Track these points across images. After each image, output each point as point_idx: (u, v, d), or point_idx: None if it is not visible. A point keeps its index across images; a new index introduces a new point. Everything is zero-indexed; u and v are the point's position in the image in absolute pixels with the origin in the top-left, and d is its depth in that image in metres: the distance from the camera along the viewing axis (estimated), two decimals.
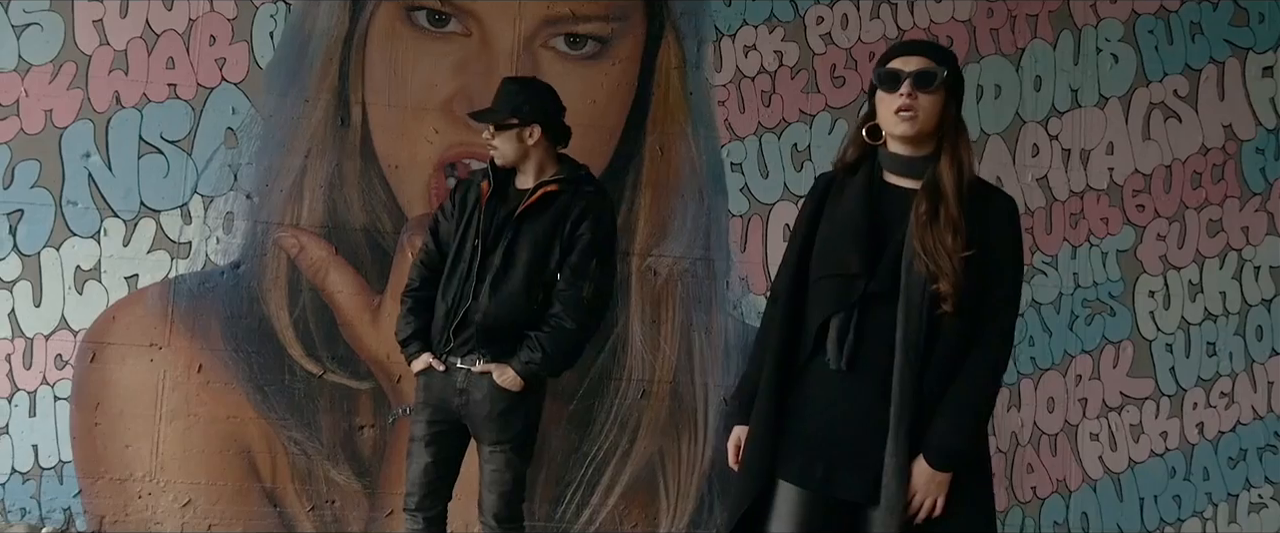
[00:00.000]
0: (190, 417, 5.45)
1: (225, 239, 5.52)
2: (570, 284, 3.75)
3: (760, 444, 2.68)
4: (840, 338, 2.61)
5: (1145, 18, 6.15)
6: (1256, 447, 6.12)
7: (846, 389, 2.62)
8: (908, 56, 2.71)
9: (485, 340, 3.67)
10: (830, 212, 2.75)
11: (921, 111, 2.65)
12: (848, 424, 2.62)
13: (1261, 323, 6.17)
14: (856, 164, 2.77)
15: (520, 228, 3.72)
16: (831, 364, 2.62)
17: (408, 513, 3.83)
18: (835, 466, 2.61)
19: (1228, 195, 6.16)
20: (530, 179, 3.84)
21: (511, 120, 3.81)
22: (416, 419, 3.84)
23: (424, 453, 3.80)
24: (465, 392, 3.71)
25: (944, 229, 2.58)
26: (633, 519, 5.68)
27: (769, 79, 5.87)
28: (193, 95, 5.52)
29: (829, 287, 2.65)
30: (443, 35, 5.70)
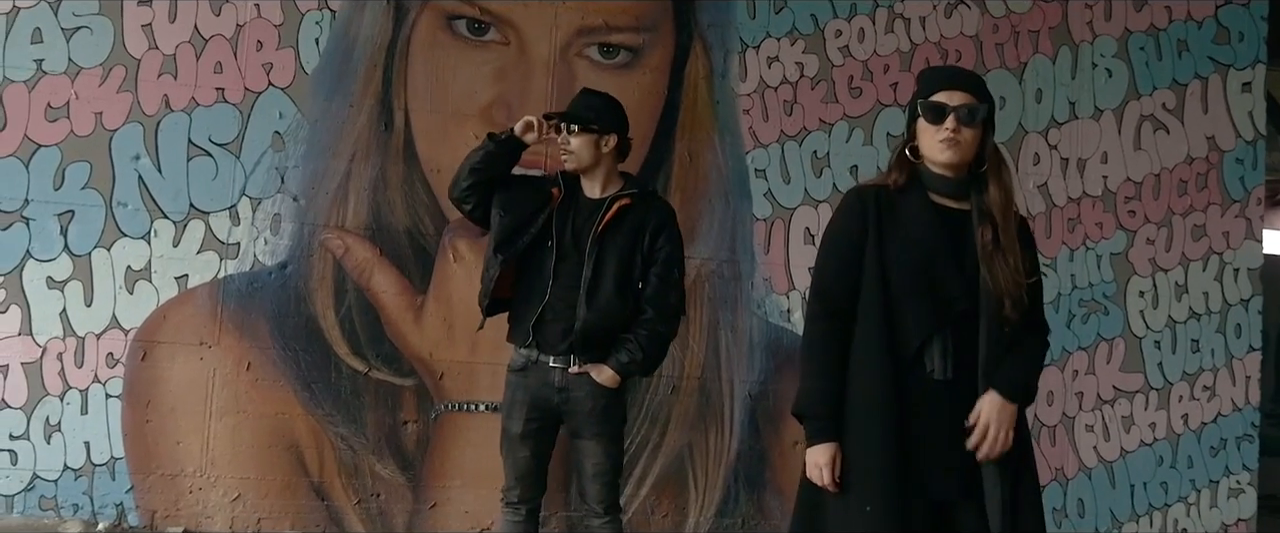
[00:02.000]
0: (239, 414, 5.59)
1: (273, 240, 5.66)
2: (660, 292, 3.99)
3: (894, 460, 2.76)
4: (944, 352, 2.80)
5: (1137, 35, 6.56)
6: (1235, 437, 6.57)
7: (949, 397, 2.82)
8: (952, 91, 2.88)
9: (584, 345, 3.90)
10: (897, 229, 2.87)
11: (964, 143, 2.85)
12: (946, 429, 2.83)
13: (1240, 322, 6.62)
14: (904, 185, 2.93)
15: (603, 241, 3.94)
16: (937, 375, 2.80)
17: (510, 507, 4.03)
18: (929, 468, 2.81)
19: (1211, 202, 6.59)
20: (598, 189, 4.05)
21: (594, 125, 4.01)
22: (511, 417, 4.02)
23: (522, 448, 4.00)
24: (565, 390, 3.92)
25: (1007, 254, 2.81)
26: (663, 509, 5.94)
27: (791, 89, 6.16)
28: (240, 99, 5.66)
29: (929, 305, 2.81)
30: (482, 43, 5.90)
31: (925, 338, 2.81)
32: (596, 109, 4.08)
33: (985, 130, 2.90)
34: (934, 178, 2.90)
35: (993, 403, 2.78)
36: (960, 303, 2.81)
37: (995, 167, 2.90)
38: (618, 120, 4.10)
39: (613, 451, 3.99)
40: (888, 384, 2.80)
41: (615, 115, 4.10)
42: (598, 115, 4.04)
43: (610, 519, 3.98)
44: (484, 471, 5.71)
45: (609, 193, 4.01)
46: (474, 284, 5.68)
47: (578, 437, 3.99)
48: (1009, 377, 2.81)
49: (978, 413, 2.78)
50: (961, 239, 2.85)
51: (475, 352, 5.77)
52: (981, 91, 2.93)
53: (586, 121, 4.01)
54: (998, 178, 2.88)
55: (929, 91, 2.90)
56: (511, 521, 4.03)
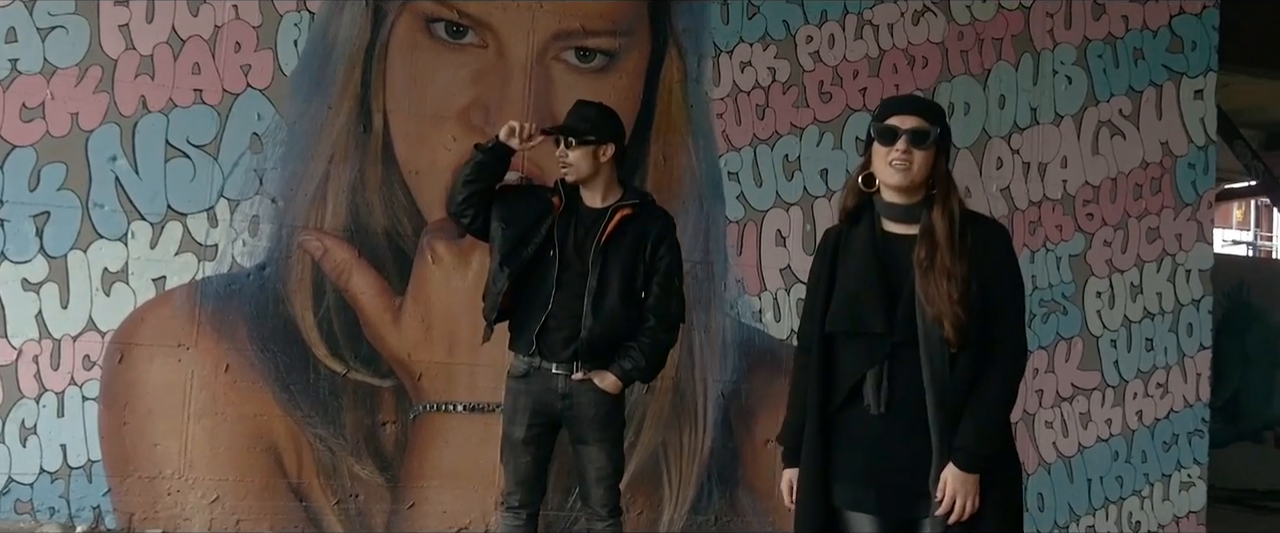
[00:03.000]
0: (217, 415, 5.59)
1: (251, 242, 5.66)
2: (662, 301, 4.08)
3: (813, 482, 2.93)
4: (877, 387, 2.87)
5: (1095, 43, 6.75)
6: (1187, 432, 6.82)
7: (887, 429, 2.88)
8: (904, 115, 2.90)
9: (590, 354, 3.97)
10: (843, 265, 2.97)
11: (915, 164, 2.87)
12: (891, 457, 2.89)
13: (1192, 321, 6.85)
14: (857, 213, 2.98)
15: (607, 251, 4.01)
16: (872, 410, 2.87)
17: (510, 511, 4.08)
18: (885, 490, 2.90)
19: (1164, 205, 6.81)
20: (598, 198, 4.11)
21: (590, 136, 4.08)
22: (514, 423, 4.08)
23: (525, 453, 4.06)
24: (569, 396, 3.99)
25: (940, 276, 2.81)
26: (638, 507, 6.03)
27: (763, 93, 6.27)
28: (218, 101, 5.65)
29: (858, 345, 2.89)
30: (460, 46, 5.93)
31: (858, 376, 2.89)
32: (592, 120, 4.14)
33: (937, 154, 2.91)
34: (886, 205, 2.94)
35: (954, 477, 2.79)
36: (889, 339, 2.84)
37: (943, 190, 2.89)
38: (614, 130, 4.16)
39: (615, 455, 4.08)
40: (816, 424, 2.94)
41: (611, 125, 4.17)
42: (594, 126, 4.10)
43: (614, 522, 4.06)
44: (462, 471, 5.79)
45: (610, 202, 4.07)
46: (452, 285, 5.81)
47: (581, 443, 4.06)
48: (967, 449, 2.79)
49: (943, 485, 2.80)
50: (904, 267, 2.87)
51: (453, 353, 5.83)
52: (934, 116, 2.95)
53: (583, 133, 4.07)
54: (945, 200, 2.87)
55: (883, 117, 2.95)
56: (512, 525, 4.09)
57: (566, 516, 5.86)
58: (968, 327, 2.78)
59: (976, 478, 2.80)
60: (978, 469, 2.81)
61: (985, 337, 2.83)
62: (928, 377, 2.81)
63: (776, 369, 6.02)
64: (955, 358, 2.80)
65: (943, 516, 2.81)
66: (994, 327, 2.85)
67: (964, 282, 2.79)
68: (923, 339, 2.82)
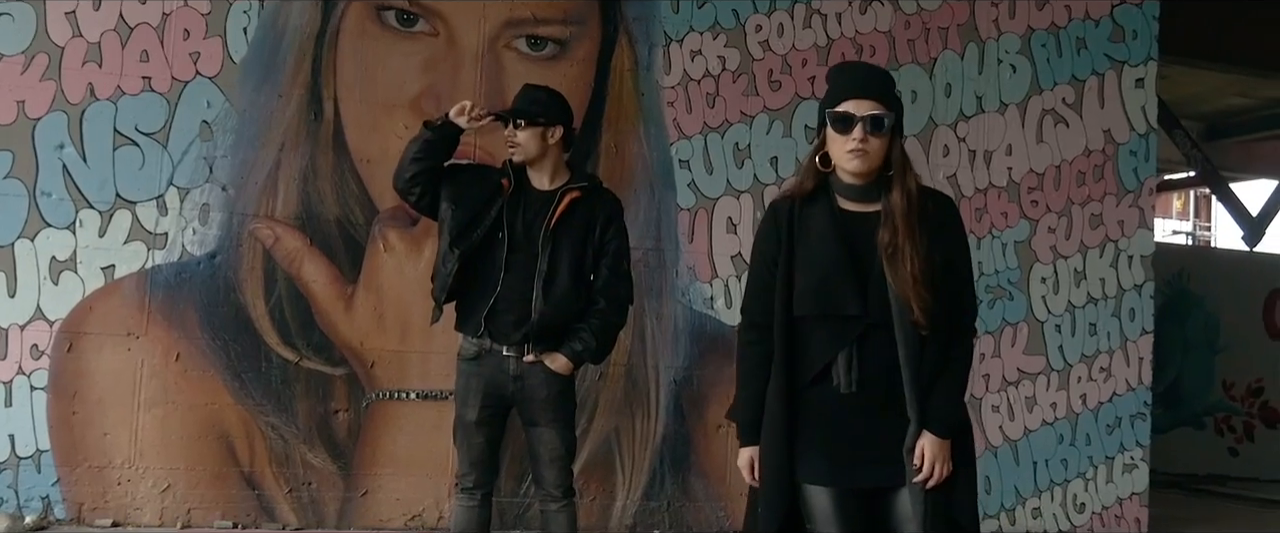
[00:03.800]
0: (168, 404, 5.56)
1: (201, 230, 5.64)
2: (611, 283, 4.11)
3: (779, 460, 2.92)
4: (848, 368, 2.87)
5: (1039, 33, 6.86)
6: (1130, 415, 6.95)
7: (856, 407, 2.89)
8: (860, 100, 2.85)
9: (540, 336, 4.00)
10: (803, 245, 2.93)
11: (872, 152, 2.84)
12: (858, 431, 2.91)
13: (1134, 306, 6.99)
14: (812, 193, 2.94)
15: (557, 234, 4.04)
16: (842, 389, 2.88)
17: (464, 492, 4.09)
18: (857, 463, 2.91)
19: (1107, 192, 6.94)
20: (546, 180, 4.14)
21: (540, 118, 4.11)
22: (467, 405, 4.09)
23: (478, 434, 4.08)
24: (520, 378, 4.01)
25: (903, 260, 2.82)
26: (591, 492, 6.06)
27: (713, 82, 6.32)
28: (167, 88, 5.62)
29: (829, 327, 2.89)
30: (411, 34, 5.94)
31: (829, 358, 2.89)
32: (541, 103, 4.17)
33: (893, 136, 2.89)
34: (844, 185, 2.93)
35: (931, 444, 2.84)
36: (862, 322, 2.86)
37: (900, 171, 2.89)
38: (562, 112, 4.19)
39: (567, 436, 4.10)
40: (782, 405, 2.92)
41: (559, 107, 4.20)
42: (543, 109, 4.13)
43: (566, 503, 4.09)
44: (415, 458, 5.80)
45: (558, 184, 4.10)
46: (404, 274, 5.82)
47: (533, 424, 4.09)
48: (940, 415, 2.86)
49: (920, 451, 2.85)
50: (869, 247, 2.88)
51: (406, 340, 5.83)
52: (888, 97, 2.92)
53: (532, 116, 4.09)
54: (902, 182, 2.87)
55: (836, 100, 2.90)
56: (466, 506, 4.11)
57: (520, 501, 5.88)
58: (934, 308, 2.81)
59: (949, 444, 2.88)
60: (951, 435, 2.89)
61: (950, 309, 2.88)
62: (903, 356, 2.84)
63: (728, 356, 6.06)
64: (925, 337, 2.83)
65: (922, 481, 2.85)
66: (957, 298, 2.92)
67: (927, 261, 2.82)
68: (897, 320, 2.83)
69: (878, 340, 2.86)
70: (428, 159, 4.11)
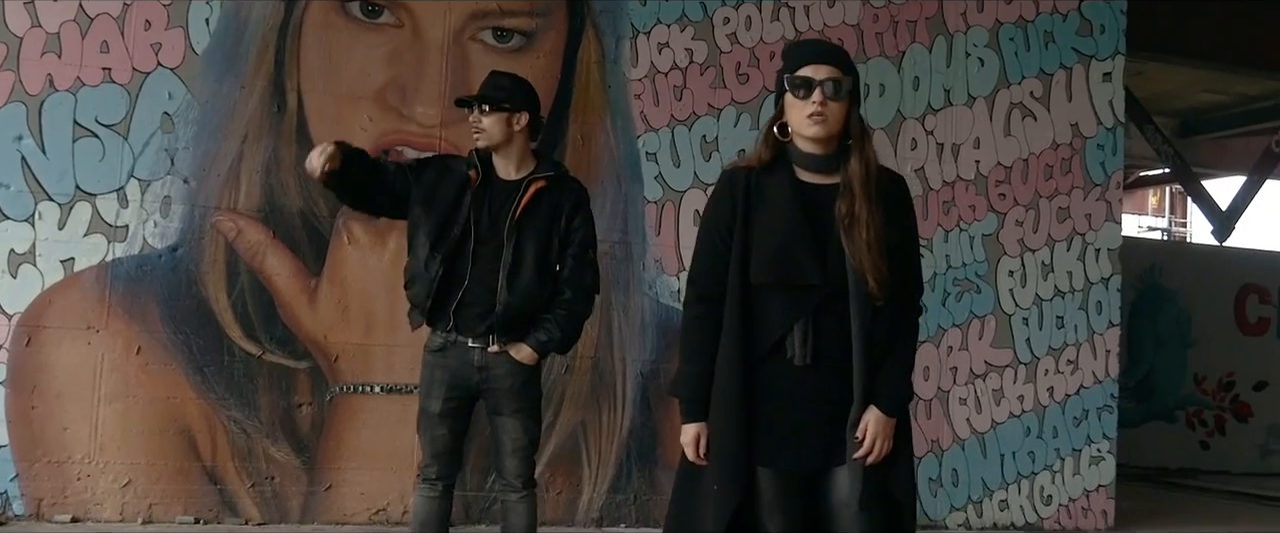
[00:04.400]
0: (129, 399, 5.51)
1: (163, 223, 5.59)
2: (577, 273, 4.09)
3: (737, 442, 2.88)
4: (804, 339, 2.86)
5: (1007, 26, 6.87)
6: (1097, 407, 6.97)
7: (809, 380, 2.87)
8: (818, 65, 2.85)
9: (506, 327, 3.97)
10: (760, 215, 2.89)
11: (831, 116, 2.83)
12: (811, 409, 2.89)
13: (1101, 299, 7.01)
14: (770, 163, 2.92)
15: (522, 224, 4.02)
16: (797, 361, 2.86)
17: (427, 483, 4.06)
18: (802, 445, 2.89)
19: (1074, 186, 6.96)
20: (512, 169, 4.10)
21: (505, 103, 4.08)
22: (431, 396, 4.06)
23: (441, 426, 4.05)
24: (485, 369, 3.99)
25: (860, 228, 2.83)
26: (558, 486, 6.04)
27: (681, 75, 6.30)
28: (128, 80, 5.57)
29: (787, 296, 2.87)
30: (376, 26, 5.90)
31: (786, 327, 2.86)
32: (506, 89, 4.14)
33: (851, 103, 2.89)
34: (802, 155, 2.92)
35: (877, 420, 2.84)
36: (821, 292, 2.84)
37: (859, 139, 2.88)
38: (528, 99, 4.15)
39: (531, 426, 4.08)
40: (738, 371, 2.87)
41: (525, 94, 4.17)
42: (508, 94, 4.10)
43: (527, 494, 4.06)
44: (380, 452, 5.76)
45: (524, 173, 4.07)
46: (368, 266, 5.79)
47: (497, 414, 4.06)
48: (889, 392, 2.86)
49: (864, 427, 2.84)
50: (828, 218, 2.88)
51: (370, 334, 5.80)
52: (846, 65, 2.91)
53: (498, 101, 4.06)
54: (861, 150, 2.87)
55: (795, 66, 2.89)
56: (428, 496, 4.08)
57: (486, 495, 5.85)
58: (889, 280, 2.81)
59: (895, 422, 2.87)
60: (897, 413, 2.88)
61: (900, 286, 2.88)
62: (856, 328, 2.82)
63: None
64: (879, 309, 2.83)
65: (861, 457, 2.82)
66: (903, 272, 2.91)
67: (883, 233, 2.82)
68: (853, 290, 2.82)
69: (833, 312, 2.85)
70: (346, 191, 4.03)
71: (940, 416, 6.65)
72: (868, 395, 2.85)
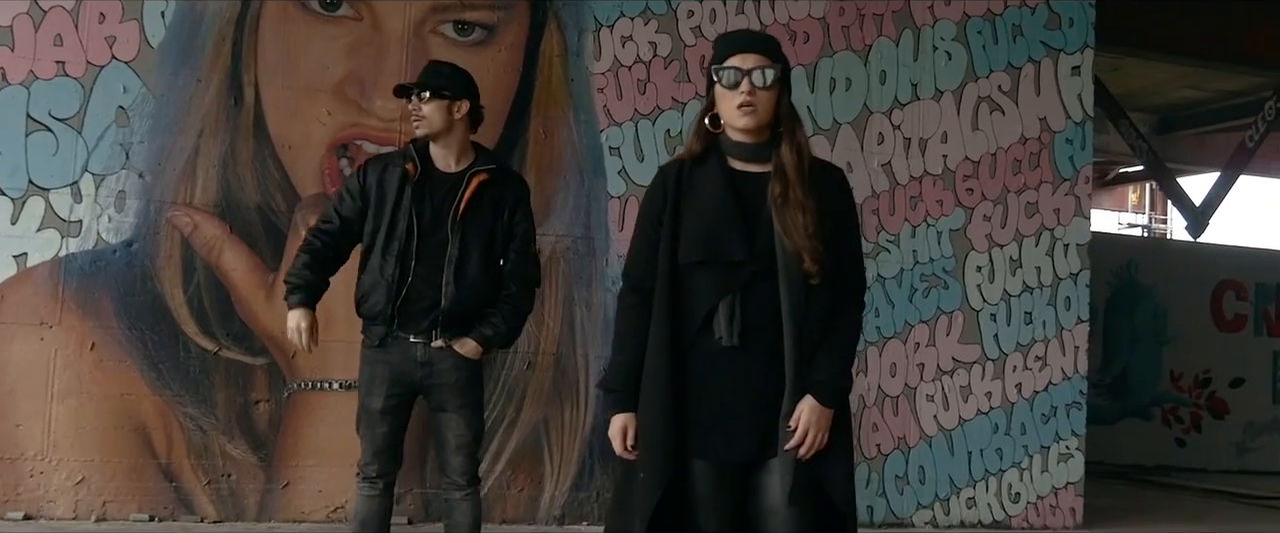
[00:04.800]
0: (83, 395, 5.45)
1: (117, 218, 5.53)
2: (521, 267, 4.05)
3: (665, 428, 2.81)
4: (730, 317, 2.82)
5: (974, 20, 6.83)
6: (1065, 404, 6.93)
7: (737, 362, 2.83)
8: (745, 54, 2.85)
9: (449, 323, 3.92)
10: (690, 201, 2.88)
11: (760, 106, 2.82)
12: (740, 394, 2.84)
13: (1069, 295, 6.97)
14: (703, 155, 2.91)
15: (466, 218, 3.96)
16: (724, 342, 2.81)
17: (367, 481, 4.02)
18: (732, 433, 2.84)
19: (1042, 180, 6.92)
20: (452, 161, 4.05)
21: (445, 91, 4.03)
22: (372, 393, 4.01)
23: (382, 423, 4.01)
24: (428, 364, 3.94)
25: (795, 210, 2.81)
26: (519, 484, 5.99)
27: (644, 68, 6.25)
28: (82, 73, 5.50)
29: (713, 274, 2.84)
30: (334, 19, 5.84)
31: (712, 306, 2.82)
32: (446, 76, 4.10)
33: (782, 91, 2.88)
34: (734, 144, 2.90)
35: (812, 409, 2.78)
36: (748, 267, 2.81)
37: (789, 126, 2.88)
38: (468, 87, 4.11)
39: (475, 422, 4.04)
40: (666, 357, 2.82)
41: (465, 83, 4.12)
42: (448, 81, 4.06)
43: (471, 491, 4.02)
44: (338, 449, 5.68)
45: (464, 166, 4.02)
46: None
47: (441, 410, 4.02)
48: (826, 382, 2.81)
49: (797, 417, 2.79)
50: (759, 201, 2.86)
51: (328, 330, 5.57)
52: (775, 52, 2.90)
53: (438, 88, 4.01)
54: (791, 136, 2.87)
55: (723, 57, 2.88)
56: (368, 495, 4.04)
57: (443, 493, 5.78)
58: (826, 259, 2.78)
59: (831, 414, 2.81)
60: (835, 404, 2.82)
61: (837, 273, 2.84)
62: (786, 308, 2.79)
63: None
64: (812, 290, 2.79)
65: (793, 449, 2.77)
66: (842, 266, 2.88)
67: (818, 215, 2.80)
68: (782, 269, 2.79)
69: (762, 290, 2.81)
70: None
71: (907, 412, 6.61)
72: (802, 384, 2.80)
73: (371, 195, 4.01)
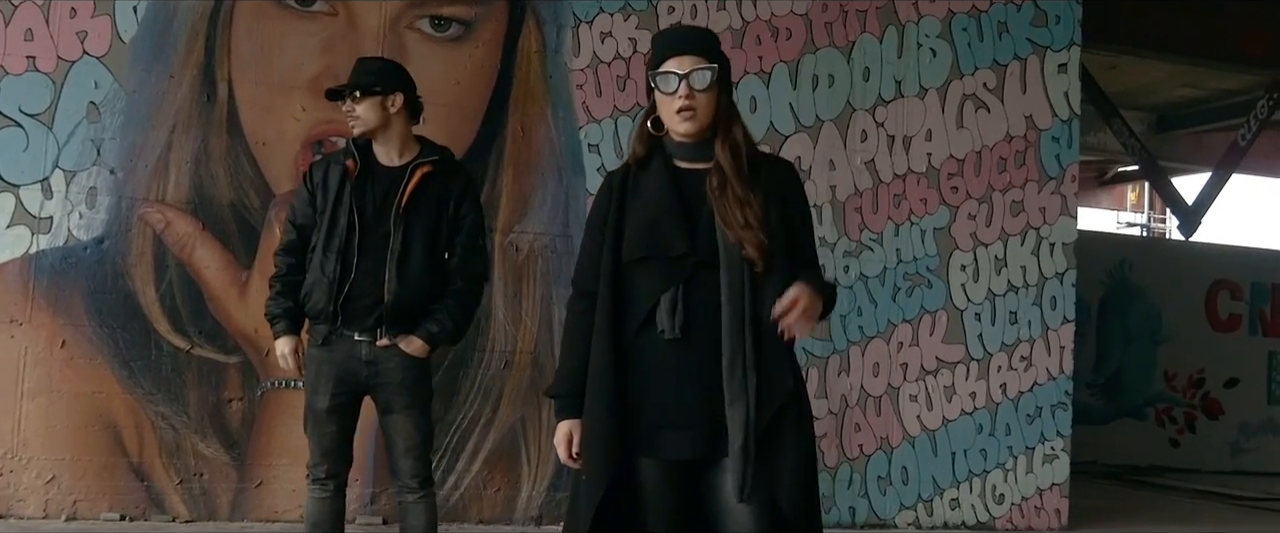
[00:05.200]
0: (53, 393, 5.40)
1: (88, 214, 5.48)
2: (467, 261, 3.99)
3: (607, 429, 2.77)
4: (671, 310, 2.78)
5: (960, 16, 6.76)
6: (1051, 404, 6.86)
7: (681, 356, 2.79)
8: (681, 56, 2.82)
9: (394, 319, 3.86)
10: (634, 202, 2.87)
11: (700, 110, 2.80)
12: (685, 388, 2.79)
13: (1055, 294, 6.90)
14: (646, 158, 2.90)
15: (409, 211, 3.91)
16: (666, 335, 2.75)
17: (317, 483, 3.97)
18: (679, 429, 2.78)
19: (1028, 179, 6.85)
20: (394, 155, 3.99)
21: (376, 87, 3.97)
22: (317, 392, 3.96)
23: (329, 423, 3.95)
24: (373, 363, 3.88)
25: (732, 203, 2.78)
26: (496, 484, 5.94)
27: (624, 65, 6.19)
28: (53, 68, 5.45)
29: (656, 268, 2.78)
30: (309, 14, 5.79)
31: (655, 300, 2.79)
32: (375, 72, 4.04)
33: (721, 90, 2.86)
34: (677, 145, 2.89)
35: (803, 286, 2.73)
36: (690, 259, 2.78)
37: (726, 124, 2.86)
38: (399, 80, 4.04)
39: (423, 423, 3.98)
40: (610, 355, 2.79)
41: (396, 75, 4.06)
42: (377, 77, 4.00)
43: (424, 494, 3.96)
44: None
45: (407, 159, 3.97)
46: None
47: (388, 412, 3.96)
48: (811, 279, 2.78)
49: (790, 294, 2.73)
50: (701, 196, 2.83)
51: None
52: (711, 51, 2.88)
53: (368, 86, 3.96)
54: (727, 134, 2.85)
55: (659, 61, 2.86)
56: (319, 497, 3.99)
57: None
58: (772, 248, 2.76)
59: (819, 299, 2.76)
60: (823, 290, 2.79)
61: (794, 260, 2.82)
62: (725, 296, 2.75)
63: None
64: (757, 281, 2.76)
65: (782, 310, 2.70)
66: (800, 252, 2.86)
67: (762, 207, 2.78)
68: (723, 259, 2.76)
69: (706, 283, 2.77)
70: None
71: (890, 412, 6.55)
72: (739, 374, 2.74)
73: (318, 195, 3.98)
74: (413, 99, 4.02)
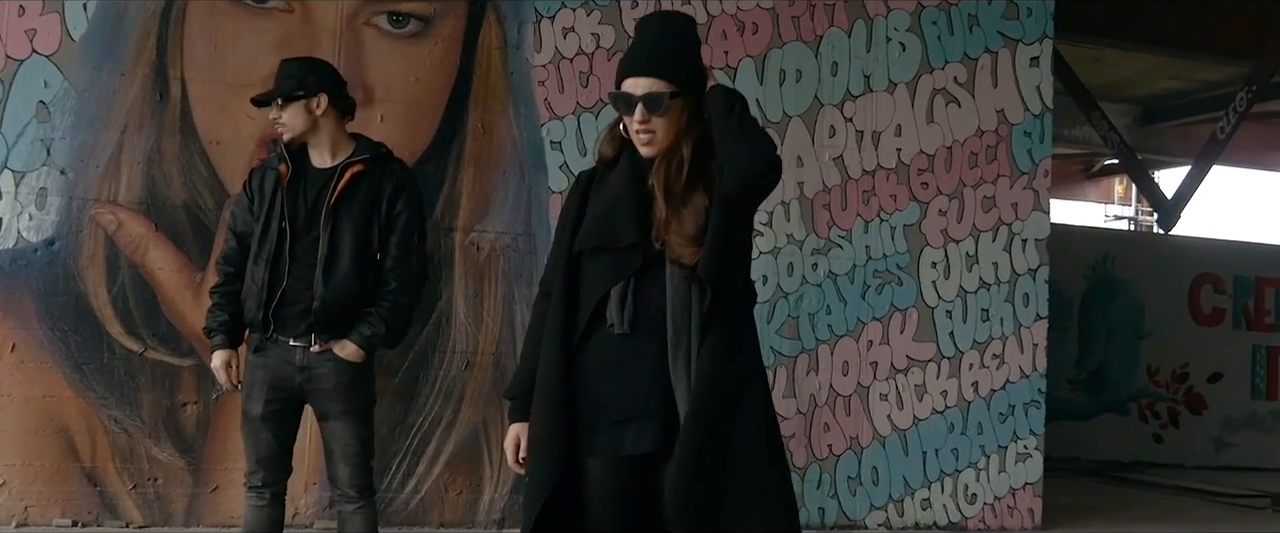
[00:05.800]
0: (3, 398, 5.32)
1: (38, 215, 5.39)
2: (401, 261, 3.89)
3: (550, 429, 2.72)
4: (621, 303, 2.74)
5: (929, 9, 6.67)
6: (1023, 403, 6.78)
7: (629, 351, 2.73)
8: (636, 77, 2.76)
9: (324, 324, 3.78)
10: (596, 197, 2.85)
11: (659, 133, 2.74)
12: (633, 383, 2.75)
13: (1028, 291, 6.81)
14: (614, 159, 2.86)
15: (338, 212, 3.82)
16: (616, 329, 2.72)
17: (253, 491, 3.89)
18: (625, 425, 2.74)
19: (1000, 174, 6.76)
20: (327, 156, 3.91)
21: (298, 92, 3.88)
22: (251, 399, 3.88)
23: (264, 430, 3.87)
24: (307, 369, 3.80)
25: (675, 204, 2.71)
26: (457, 487, 5.86)
27: (587, 60, 6.10)
28: (1, 67, 5.35)
29: (606, 260, 2.75)
30: (264, 11, 5.69)
31: (604, 293, 2.75)
32: (295, 76, 3.94)
33: (683, 107, 2.75)
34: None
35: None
36: (640, 254, 2.73)
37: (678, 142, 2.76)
38: (322, 80, 3.94)
39: (361, 430, 3.88)
40: (558, 351, 2.76)
41: (320, 75, 3.97)
42: (298, 82, 3.90)
43: (364, 504, 3.87)
44: None
45: (340, 159, 3.88)
46: None
47: (324, 419, 3.88)
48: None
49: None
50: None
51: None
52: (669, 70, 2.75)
53: (289, 92, 3.87)
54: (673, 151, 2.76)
55: (619, 80, 2.81)
56: (256, 506, 3.90)
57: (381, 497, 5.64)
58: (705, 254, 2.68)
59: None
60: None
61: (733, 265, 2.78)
62: (670, 292, 2.71)
63: None
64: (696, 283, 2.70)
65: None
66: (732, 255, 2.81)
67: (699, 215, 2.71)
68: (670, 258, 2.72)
69: (655, 278, 2.73)
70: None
71: (860, 412, 6.47)
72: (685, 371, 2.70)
73: (255, 202, 3.91)
74: (340, 97, 3.93)
